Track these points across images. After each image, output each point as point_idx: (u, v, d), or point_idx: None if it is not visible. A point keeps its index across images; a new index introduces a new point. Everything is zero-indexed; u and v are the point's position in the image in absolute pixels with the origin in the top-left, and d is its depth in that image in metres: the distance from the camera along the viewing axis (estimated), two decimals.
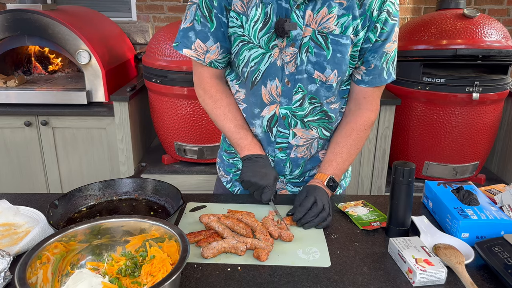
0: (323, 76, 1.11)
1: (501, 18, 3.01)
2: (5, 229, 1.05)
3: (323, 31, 1.06)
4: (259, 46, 1.10)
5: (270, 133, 1.20)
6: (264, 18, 1.06)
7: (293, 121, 1.17)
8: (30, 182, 2.45)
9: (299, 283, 0.88)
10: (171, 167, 2.43)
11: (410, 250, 0.93)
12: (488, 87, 2.17)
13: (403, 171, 1.00)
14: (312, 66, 1.09)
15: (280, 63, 1.10)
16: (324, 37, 1.06)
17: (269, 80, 1.13)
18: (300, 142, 1.21)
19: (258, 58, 1.11)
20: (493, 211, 1.04)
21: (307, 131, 1.19)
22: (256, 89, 1.16)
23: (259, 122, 1.20)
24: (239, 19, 1.09)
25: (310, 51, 1.08)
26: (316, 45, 1.07)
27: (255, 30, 1.08)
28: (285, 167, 1.25)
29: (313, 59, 1.08)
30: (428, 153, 2.34)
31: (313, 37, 1.06)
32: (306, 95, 1.14)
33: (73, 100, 2.35)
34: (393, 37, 1.11)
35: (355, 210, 1.16)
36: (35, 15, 2.27)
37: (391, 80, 1.18)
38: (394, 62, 1.17)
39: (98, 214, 1.13)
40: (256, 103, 1.18)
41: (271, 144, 1.22)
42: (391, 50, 1.13)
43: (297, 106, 1.15)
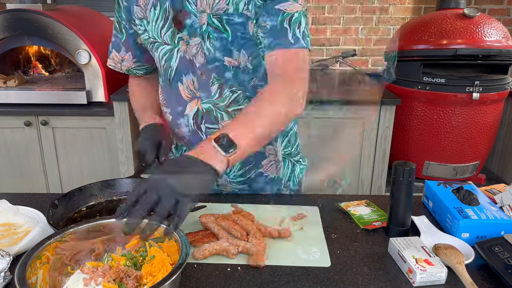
0: (233, 61, 1.08)
1: (501, 18, 3.01)
2: (5, 229, 1.05)
3: (218, 13, 1.03)
4: (165, 43, 1.10)
5: (200, 132, 1.16)
6: (164, 14, 1.07)
7: (218, 114, 1.13)
8: (30, 182, 2.45)
9: (299, 283, 0.88)
10: None
11: (410, 250, 0.93)
12: (488, 87, 2.17)
13: (403, 171, 1.00)
14: (220, 53, 1.07)
15: (189, 57, 1.09)
16: (219, 19, 1.03)
17: (183, 75, 1.11)
18: None
19: (166, 54, 1.11)
20: (493, 211, 1.04)
21: None
22: (174, 86, 1.14)
23: (184, 120, 1.17)
24: (142, 25, 1.11)
25: (211, 37, 1.05)
26: (214, 30, 1.04)
27: (157, 29, 1.09)
28: None
29: (217, 45, 1.06)
30: (428, 153, 2.34)
31: (209, 22, 1.04)
32: (224, 84, 1.10)
33: (73, 100, 2.35)
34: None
35: (357, 209, 1.16)
36: (35, 15, 2.27)
37: (298, 46, 1.00)
38: (303, 27, 1.02)
39: (98, 214, 1.13)
40: (177, 101, 1.16)
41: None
42: (291, 10, 1.00)
43: (217, 97, 1.11)
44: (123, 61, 1.24)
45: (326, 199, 1.25)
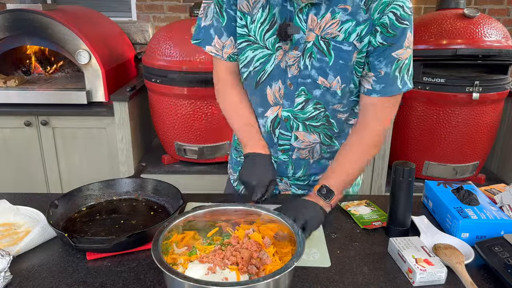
0: (327, 82, 1.09)
1: (501, 18, 3.01)
2: (5, 229, 1.05)
3: (325, 36, 1.04)
4: (265, 47, 1.10)
5: (273, 135, 1.20)
6: (271, 19, 1.07)
7: (295, 123, 1.16)
8: (30, 182, 2.45)
9: (299, 283, 0.88)
10: (171, 167, 2.43)
11: (410, 250, 0.93)
12: (488, 87, 2.17)
13: (403, 171, 1.00)
14: (316, 72, 1.08)
15: (283, 65, 1.10)
16: (326, 43, 1.05)
17: (274, 81, 1.13)
18: (302, 146, 1.20)
19: (264, 58, 1.11)
20: (493, 211, 1.04)
21: (309, 134, 1.18)
22: (262, 89, 1.16)
23: (262, 122, 1.20)
24: (244, 19, 1.10)
25: (313, 57, 1.07)
26: (318, 50, 1.06)
27: (261, 31, 1.08)
28: (287, 168, 1.25)
29: (316, 65, 1.07)
30: (428, 153, 2.34)
31: (316, 43, 1.05)
32: (311, 100, 1.13)
33: (73, 100, 2.35)
34: (405, 42, 1.04)
35: (358, 209, 1.16)
36: (35, 15, 2.27)
37: (406, 89, 1.09)
38: (410, 70, 1.09)
39: (98, 214, 1.13)
40: (261, 102, 1.18)
41: (273, 145, 1.22)
42: (404, 57, 1.06)
43: (299, 109, 1.14)
44: (224, 47, 1.17)
45: None
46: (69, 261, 0.95)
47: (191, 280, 0.73)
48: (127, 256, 0.97)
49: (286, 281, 0.79)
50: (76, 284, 0.88)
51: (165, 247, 0.86)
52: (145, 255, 0.98)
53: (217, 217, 0.98)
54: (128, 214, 1.13)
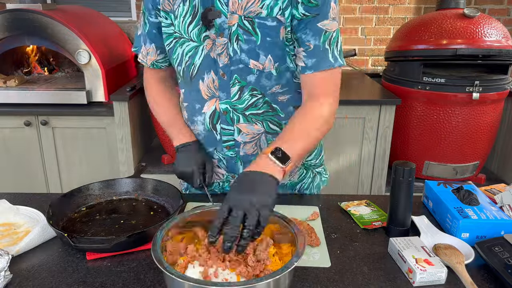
0: (259, 64, 1.06)
1: (501, 18, 3.01)
2: (5, 229, 1.05)
3: (249, 15, 1.02)
4: (190, 40, 1.08)
5: (215, 131, 1.16)
6: (192, 11, 1.06)
7: (235, 116, 1.12)
8: (30, 182, 2.45)
9: (299, 283, 0.88)
10: (171, 167, 2.41)
11: (410, 250, 0.93)
12: (488, 87, 2.17)
13: (403, 171, 1.00)
14: (246, 55, 1.06)
15: (213, 55, 1.08)
16: (250, 22, 1.02)
17: (205, 73, 1.10)
18: (247, 139, 1.15)
19: (191, 51, 1.09)
20: (493, 211, 1.04)
21: (251, 125, 1.14)
22: (195, 84, 1.13)
23: (201, 118, 1.17)
24: (169, 18, 1.10)
25: (240, 39, 1.04)
26: (244, 31, 1.03)
27: (184, 25, 1.08)
28: (236, 164, 1.21)
29: (245, 47, 1.05)
30: (428, 153, 2.34)
31: (240, 24, 1.03)
32: (245, 87, 1.09)
33: (73, 100, 2.35)
34: (330, 13, 1.01)
35: (358, 209, 1.16)
36: (35, 14, 2.27)
37: (338, 64, 1.06)
38: (339, 45, 1.06)
39: (98, 214, 1.13)
40: (197, 98, 1.15)
41: (217, 142, 1.18)
42: (331, 29, 1.03)
43: (236, 99, 1.11)
44: (148, 54, 1.20)
45: (326, 199, 1.26)
46: (69, 261, 0.95)
47: (191, 280, 0.73)
48: (127, 256, 0.97)
49: (286, 281, 0.79)
50: (76, 284, 0.88)
51: (164, 246, 0.86)
52: (145, 255, 0.98)
53: None
54: (128, 214, 1.13)
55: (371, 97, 2.31)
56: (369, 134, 2.33)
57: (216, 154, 1.21)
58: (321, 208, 1.19)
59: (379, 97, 2.34)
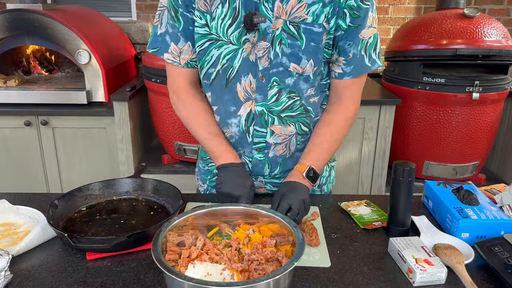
0: (299, 68, 1.08)
1: (501, 18, 3.01)
2: (5, 229, 1.05)
3: (294, 20, 1.04)
4: (230, 43, 1.07)
5: (247, 134, 1.17)
6: (232, 13, 1.05)
7: (270, 118, 1.14)
8: (30, 182, 2.45)
9: (299, 283, 0.88)
10: (171, 167, 2.43)
11: (410, 250, 0.93)
12: (488, 87, 2.17)
13: (403, 171, 1.00)
14: (287, 58, 1.07)
15: (253, 58, 1.08)
16: (296, 27, 1.04)
17: (243, 76, 1.10)
18: (278, 140, 1.17)
19: (230, 54, 1.08)
20: (493, 211, 1.04)
21: (285, 127, 1.16)
22: (231, 86, 1.12)
23: (235, 121, 1.16)
24: (203, 18, 1.07)
25: (283, 43, 1.06)
26: (289, 35, 1.05)
27: (223, 27, 1.06)
28: (263, 168, 1.22)
29: (287, 51, 1.06)
30: (428, 153, 2.34)
31: (285, 28, 1.04)
32: (284, 89, 1.11)
33: (73, 100, 2.35)
34: (368, 22, 1.08)
35: (358, 209, 1.16)
36: (35, 15, 2.27)
37: (376, 67, 1.13)
38: (377, 48, 1.13)
39: (98, 214, 1.13)
40: (232, 101, 1.14)
41: (248, 145, 1.19)
42: (368, 36, 1.09)
43: (273, 101, 1.12)
44: (181, 53, 1.13)
45: (326, 199, 1.26)
46: (69, 261, 0.95)
47: (191, 280, 0.73)
48: (127, 256, 0.97)
49: (286, 281, 0.79)
50: (76, 284, 0.88)
51: (164, 246, 0.86)
52: (145, 255, 0.98)
53: (217, 217, 0.98)
54: (128, 214, 1.13)
55: (371, 97, 2.31)
56: (369, 134, 2.33)
57: (243, 158, 1.21)
58: (321, 208, 1.19)
59: (379, 97, 2.34)
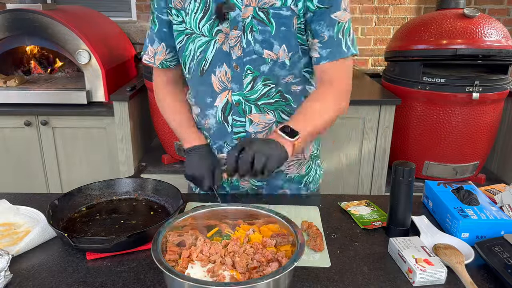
0: (273, 54, 1.09)
1: (501, 18, 3.01)
2: (5, 229, 1.05)
3: (263, 6, 1.05)
4: (202, 35, 1.10)
5: (226, 124, 1.17)
6: (204, 6, 1.08)
7: (247, 107, 1.14)
8: (30, 182, 2.45)
9: (299, 283, 0.88)
10: (171, 167, 2.43)
11: (410, 250, 0.93)
12: (488, 87, 2.17)
13: (403, 171, 1.00)
14: (260, 45, 1.08)
15: (226, 48, 1.09)
16: (265, 13, 1.05)
17: (217, 67, 1.11)
18: (258, 129, 1.17)
19: (203, 46, 1.11)
20: (493, 211, 1.04)
21: (263, 115, 1.15)
22: (206, 78, 1.14)
23: (212, 112, 1.17)
24: (180, 15, 1.11)
25: (254, 30, 1.07)
26: (259, 22, 1.06)
27: (195, 21, 1.09)
28: None
29: (259, 38, 1.07)
30: (428, 153, 2.34)
31: (254, 15, 1.06)
32: (258, 77, 1.11)
33: (73, 100, 2.35)
34: (341, 4, 1.07)
35: (358, 209, 1.16)
36: (35, 15, 2.27)
37: (351, 53, 1.11)
38: (351, 34, 1.12)
39: (98, 214, 1.13)
40: (208, 92, 1.16)
41: (228, 135, 1.18)
42: (343, 20, 1.08)
43: (248, 90, 1.12)
44: (156, 53, 1.20)
45: (326, 199, 1.25)
46: (69, 261, 0.95)
47: (191, 280, 0.73)
48: (127, 256, 0.97)
49: (286, 281, 0.79)
50: (76, 284, 0.88)
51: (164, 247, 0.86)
52: (145, 255, 0.98)
53: (217, 217, 0.98)
54: (128, 214, 1.13)
55: (371, 97, 2.31)
56: (369, 134, 2.33)
57: (226, 148, 1.21)
58: (321, 208, 1.19)
59: (379, 97, 2.34)
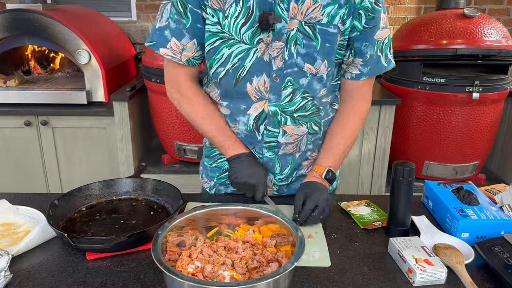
0: (314, 68, 1.09)
1: (501, 18, 3.01)
2: (5, 229, 1.05)
3: (310, 21, 1.05)
4: (242, 42, 1.07)
5: (257, 132, 1.17)
6: (246, 12, 1.04)
7: (282, 118, 1.14)
8: (30, 182, 2.45)
9: (299, 283, 0.88)
10: (171, 167, 2.43)
11: (410, 250, 0.93)
12: (488, 87, 2.17)
13: (403, 171, 1.00)
14: (302, 59, 1.08)
15: (267, 58, 1.08)
16: (311, 27, 1.05)
17: (255, 76, 1.10)
18: (290, 140, 1.17)
19: (242, 54, 1.08)
20: (493, 211, 1.04)
21: (297, 127, 1.16)
22: (241, 86, 1.12)
23: (244, 119, 1.16)
24: (216, 16, 1.06)
25: (299, 43, 1.06)
26: (304, 36, 1.06)
27: (236, 26, 1.06)
28: (274, 166, 1.22)
29: (302, 51, 1.07)
30: (428, 153, 2.34)
31: (300, 29, 1.05)
32: (298, 90, 1.12)
33: (73, 100, 2.35)
34: (381, 23, 1.09)
35: (358, 209, 1.16)
36: (35, 14, 2.27)
37: (391, 66, 1.16)
38: (391, 49, 1.16)
39: (98, 214, 1.13)
40: (242, 99, 1.14)
41: (257, 143, 1.19)
42: (383, 37, 1.11)
43: (287, 102, 1.13)
44: (184, 49, 1.11)
45: None
46: (69, 261, 0.95)
47: (191, 280, 0.73)
48: (127, 256, 0.97)
49: (286, 281, 0.79)
50: (76, 284, 0.88)
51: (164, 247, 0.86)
52: (145, 255, 0.98)
53: (217, 217, 0.98)
54: (128, 214, 1.13)
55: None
56: (369, 134, 2.33)
57: (254, 154, 1.21)
58: None
59: (379, 97, 2.34)
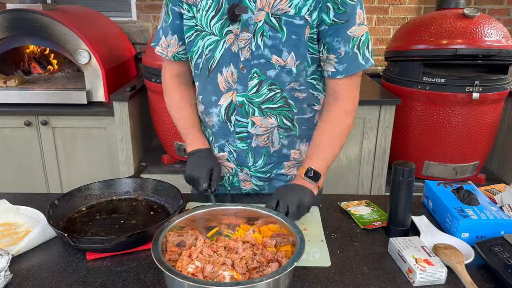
0: (281, 60, 1.09)
1: (501, 18, 3.01)
2: (5, 229, 1.05)
3: (277, 13, 1.05)
4: (212, 34, 1.10)
5: (229, 123, 1.18)
6: (216, 5, 1.08)
7: (250, 109, 1.15)
8: (30, 182, 2.45)
9: (299, 283, 0.88)
10: (171, 167, 2.43)
11: (410, 250, 0.93)
12: (488, 87, 2.17)
13: (403, 171, 1.00)
14: (269, 50, 1.08)
15: (235, 49, 1.10)
16: (277, 19, 1.05)
17: (224, 67, 1.12)
18: (260, 131, 1.18)
19: (212, 45, 1.11)
20: (493, 211, 1.04)
21: (265, 119, 1.16)
22: (213, 77, 1.15)
23: (216, 110, 1.18)
24: (191, 10, 1.12)
25: (265, 35, 1.07)
26: (270, 27, 1.06)
27: (207, 18, 1.10)
28: (247, 157, 1.23)
29: (269, 43, 1.07)
30: (428, 153, 2.34)
31: (267, 20, 1.06)
32: (265, 81, 1.12)
33: (73, 100, 2.35)
34: (356, 19, 1.06)
35: (358, 209, 1.16)
36: (35, 14, 2.27)
37: (369, 65, 1.12)
38: (370, 47, 1.12)
39: (98, 214, 1.13)
40: (213, 91, 1.17)
41: (230, 134, 1.20)
42: (359, 34, 1.08)
43: (253, 92, 1.13)
44: (169, 45, 1.21)
45: (326, 199, 1.25)
46: (69, 261, 0.95)
47: (191, 280, 0.73)
48: (127, 256, 0.98)
49: (286, 281, 0.79)
50: (76, 284, 0.88)
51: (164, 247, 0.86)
52: (145, 255, 0.98)
53: (217, 217, 0.98)
54: (128, 214, 1.13)
55: (371, 97, 2.31)
56: (369, 134, 2.33)
57: (227, 147, 1.23)
58: (321, 208, 1.19)
59: (379, 97, 2.34)
